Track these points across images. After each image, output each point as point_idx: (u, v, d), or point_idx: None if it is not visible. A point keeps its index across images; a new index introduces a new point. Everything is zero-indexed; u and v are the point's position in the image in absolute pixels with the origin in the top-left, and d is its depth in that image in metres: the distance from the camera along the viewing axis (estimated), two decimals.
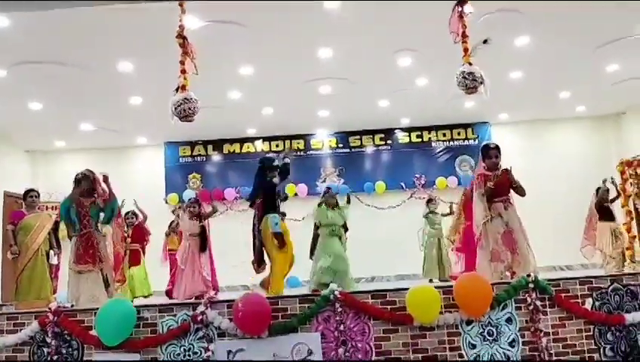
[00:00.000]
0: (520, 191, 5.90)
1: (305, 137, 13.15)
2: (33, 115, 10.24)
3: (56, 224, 7.74)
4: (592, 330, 4.90)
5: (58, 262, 8.10)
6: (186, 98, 5.76)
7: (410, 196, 12.56)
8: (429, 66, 9.25)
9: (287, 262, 6.15)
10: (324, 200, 7.95)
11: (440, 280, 9.25)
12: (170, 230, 9.38)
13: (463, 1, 5.78)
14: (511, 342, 4.74)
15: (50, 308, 4.71)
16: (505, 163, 12.46)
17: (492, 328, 4.74)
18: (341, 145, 13.18)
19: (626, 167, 8.92)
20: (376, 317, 4.63)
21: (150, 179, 12.88)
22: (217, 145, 13.15)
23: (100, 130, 11.63)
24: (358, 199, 12.53)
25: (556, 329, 4.83)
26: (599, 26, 8.09)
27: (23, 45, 7.48)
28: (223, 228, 9.78)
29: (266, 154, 12.91)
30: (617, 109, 12.76)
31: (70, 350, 4.63)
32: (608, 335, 4.93)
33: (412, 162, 13.00)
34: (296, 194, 12.57)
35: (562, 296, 4.90)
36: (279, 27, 7.48)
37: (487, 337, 4.71)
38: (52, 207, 10.55)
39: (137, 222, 9.10)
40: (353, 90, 10.16)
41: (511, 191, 5.94)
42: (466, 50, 6.01)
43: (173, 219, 9.55)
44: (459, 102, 11.24)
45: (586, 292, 4.98)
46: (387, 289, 4.77)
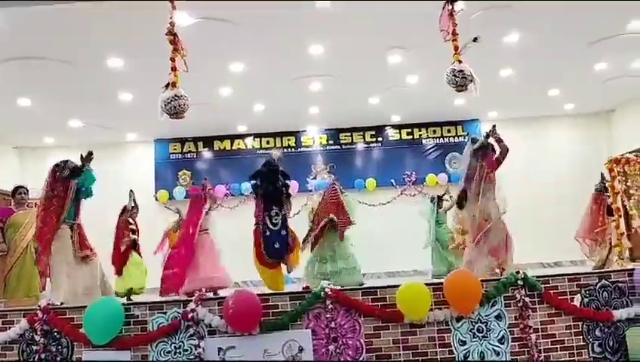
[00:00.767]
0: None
1: (295, 134, 13.13)
2: (22, 111, 10.15)
3: None
4: (580, 327, 4.96)
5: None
6: (176, 95, 5.73)
7: (401, 193, 12.57)
8: (419, 64, 9.26)
9: None
10: None
11: None
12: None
13: None
14: (500, 339, 4.78)
15: (39, 305, 4.69)
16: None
17: (482, 325, 4.78)
18: (332, 142, 13.18)
19: (615, 165, 8.94)
20: (367, 314, 4.65)
21: (140, 175, 12.79)
22: (208, 141, 13.09)
23: (90, 126, 11.55)
24: (348, 196, 12.52)
25: (545, 326, 4.88)
26: (589, 24, 8.13)
27: (12, 41, 7.41)
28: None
29: (257, 151, 12.97)
30: (606, 107, 12.85)
31: (60, 348, 4.62)
32: (597, 332, 4.99)
33: (402, 159, 13.02)
34: None
35: (551, 292, 4.95)
36: (270, 24, 7.46)
37: (477, 334, 4.75)
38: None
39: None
40: (344, 87, 10.16)
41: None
42: (456, 48, 6.03)
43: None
44: (449, 100, 11.27)
45: (575, 289, 5.04)
46: (377, 287, 4.80)
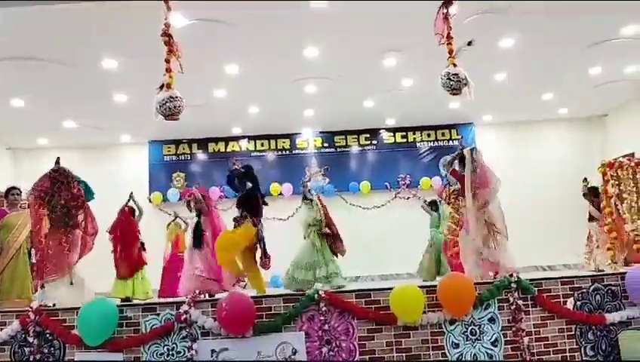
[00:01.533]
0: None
1: (290, 136, 13.15)
2: (16, 112, 10.11)
3: None
4: (573, 330, 4.97)
5: None
6: (171, 96, 5.70)
7: (395, 196, 12.59)
8: (414, 67, 9.29)
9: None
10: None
11: None
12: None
13: (448, 2, 5.81)
14: (493, 342, 4.79)
15: (31, 307, 4.67)
16: (490, 164, 12.51)
17: (475, 327, 4.78)
18: (326, 144, 13.20)
19: (608, 169, 8.97)
20: (361, 316, 4.65)
21: (134, 177, 12.76)
22: (202, 144, 13.10)
23: (84, 127, 11.53)
24: (343, 199, 12.58)
25: (538, 329, 4.89)
26: (583, 29, 8.17)
27: (6, 41, 7.39)
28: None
29: (251, 154, 12.97)
30: (600, 111, 12.93)
31: (52, 349, 4.60)
32: (589, 335, 5.01)
33: (397, 162, 13.05)
34: (281, 193, 12.57)
35: (544, 295, 4.96)
36: (265, 26, 7.46)
37: (470, 336, 4.76)
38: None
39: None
40: (339, 90, 10.18)
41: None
42: (450, 51, 6.05)
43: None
44: (444, 103, 11.31)
45: (568, 292, 5.05)
46: (371, 289, 4.80)
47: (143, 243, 8.77)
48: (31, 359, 4.54)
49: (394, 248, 10.79)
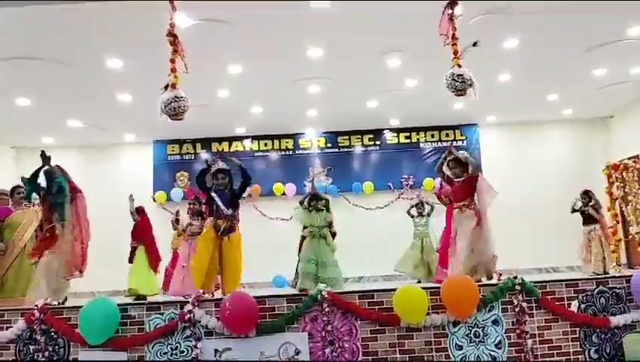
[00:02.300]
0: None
1: (294, 137, 13.14)
2: (21, 111, 10.14)
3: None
4: (577, 332, 4.96)
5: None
6: (176, 96, 5.73)
7: (398, 197, 12.57)
8: (418, 68, 9.27)
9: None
10: (305, 201, 7.88)
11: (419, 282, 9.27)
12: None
13: (453, 3, 5.80)
14: (497, 344, 4.78)
15: (36, 305, 4.68)
16: (493, 165, 12.60)
17: (478, 329, 4.77)
18: (330, 144, 13.19)
19: (613, 171, 9.00)
20: (364, 317, 4.65)
21: (138, 176, 12.81)
22: (206, 143, 13.10)
23: (89, 127, 11.55)
24: (346, 199, 12.57)
25: (542, 331, 4.88)
26: (588, 30, 8.13)
27: (11, 41, 7.40)
28: None
29: (255, 153, 12.98)
30: (605, 113, 12.88)
31: (57, 348, 4.61)
32: (593, 338, 4.99)
33: (400, 163, 13.03)
34: (284, 193, 12.57)
35: (548, 298, 4.95)
36: (268, 26, 7.46)
37: (474, 338, 4.75)
38: (39, 204, 10.44)
39: (137, 218, 9.06)
40: (342, 90, 10.18)
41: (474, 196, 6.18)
42: (455, 52, 6.04)
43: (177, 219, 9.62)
44: (448, 104, 11.30)
45: (572, 295, 5.04)
46: (374, 290, 4.80)
47: None
48: (36, 357, 4.55)
49: (397, 249, 10.73)
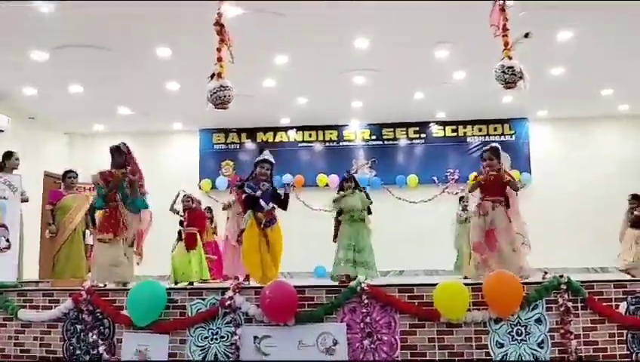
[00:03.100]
0: (514, 188, 6.06)
1: (338, 128, 13.13)
2: (73, 98, 10.47)
3: (92, 206, 7.84)
4: (625, 335, 4.78)
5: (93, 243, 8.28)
6: (221, 85, 5.80)
7: (443, 191, 12.39)
8: (467, 59, 9.12)
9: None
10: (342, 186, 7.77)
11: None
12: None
13: None
14: (540, 343, 4.65)
15: (83, 286, 4.83)
16: (542, 161, 12.26)
17: (521, 328, 4.66)
18: (374, 136, 13.12)
19: None
20: (403, 311, 4.60)
21: (184, 164, 13.09)
22: (251, 133, 13.24)
23: (138, 114, 11.84)
24: (389, 192, 12.48)
25: (587, 332, 4.72)
26: None
27: (65, 29, 7.64)
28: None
29: (299, 144, 13.03)
30: None
31: (102, 328, 4.75)
32: None
33: (446, 157, 12.85)
34: (327, 185, 12.58)
35: (595, 298, 4.79)
36: (316, 16, 7.46)
37: (516, 337, 4.64)
38: (89, 188, 10.78)
39: (194, 206, 9.22)
40: (388, 82, 10.11)
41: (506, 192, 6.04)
42: (506, 43, 5.89)
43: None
44: (497, 97, 11.07)
45: (621, 296, 4.85)
46: (415, 284, 4.73)
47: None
48: (82, 336, 4.71)
49: (440, 244, 10.61)
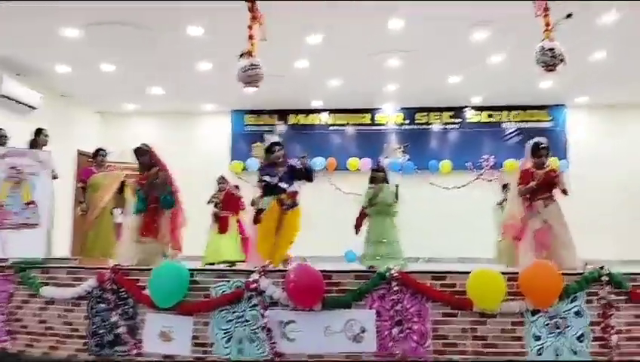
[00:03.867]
0: (564, 193, 5.88)
1: (371, 111, 12.89)
2: (106, 76, 10.47)
3: (123, 184, 7.81)
4: None
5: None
6: (252, 63, 5.74)
7: (477, 177, 12.10)
8: (505, 42, 8.77)
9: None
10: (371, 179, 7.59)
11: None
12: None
13: None
14: (579, 337, 4.43)
15: (108, 264, 4.80)
16: (580, 149, 11.93)
17: (560, 320, 4.44)
18: (407, 121, 12.84)
19: None
20: (434, 299, 4.43)
21: (216, 145, 13.06)
22: (282, 115, 13.09)
23: (170, 94, 11.81)
24: (424, 178, 12.24)
25: (630, 327, 4.49)
26: None
27: (98, 7, 7.56)
28: None
29: (330, 127, 12.86)
30: None
31: (126, 308, 4.70)
32: None
33: (481, 142, 12.50)
34: (358, 169, 12.39)
35: (638, 291, 4.54)
36: None
37: (554, 329, 4.43)
38: (121, 168, 10.85)
39: (227, 188, 9.19)
40: (423, 65, 9.82)
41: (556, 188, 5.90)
42: (547, 24, 5.64)
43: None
44: (534, 82, 10.71)
45: None
46: (448, 271, 4.55)
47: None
48: (105, 315, 4.67)
49: (473, 231, 10.38)
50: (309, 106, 12.86)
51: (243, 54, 5.93)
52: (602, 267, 4.56)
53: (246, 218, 9.02)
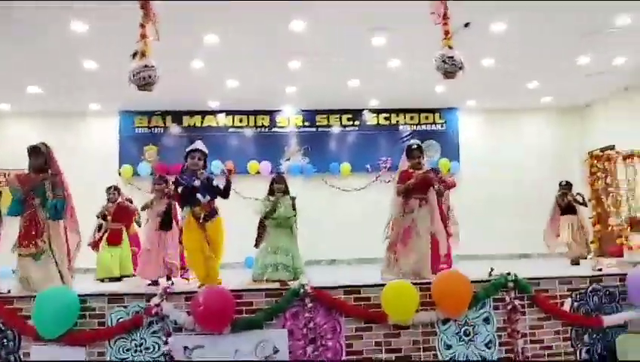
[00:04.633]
0: (439, 194, 6.22)
1: (270, 113, 12.62)
2: None
3: None
4: (569, 332, 4.73)
5: None
6: (145, 65, 5.32)
7: (376, 179, 12.26)
8: (403, 48, 8.90)
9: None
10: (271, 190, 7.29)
11: None
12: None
13: None
14: (487, 343, 4.51)
15: None
16: (471, 150, 12.48)
17: (469, 328, 4.50)
18: (307, 123, 12.72)
19: (595, 161, 8.82)
20: (349, 314, 4.30)
21: (103, 149, 12.17)
22: (177, 116, 12.48)
23: (50, 93, 10.84)
24: (324, 180, 12.22)
25: (533, 331, 4.64)
26: (576, 18, 7.89)
27: None
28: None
29: (229, 129, 12.47)
30: (583, 102, 12.75)
31: (5, 341, 4.13)
32: (585, 337, 4.80)
33: (379, 144, 12.68)
34: (258, 172, 12.12)
35: (542, 295, 4.70)
36: None
37: (464, 337, 4.47)
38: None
39: (120, 200, 8.62)
40: (323, 67, 9.75)
41: (430, 190, 6.07)
42: (446, 32, 5.72)
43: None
44: (430, 87, 11.00)
45: (565, 293, 4.80)
46: (361, 285, 4.45)
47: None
48: None
49: (372, 232, 10.47)
50: (206, 108, 12.37)
51: (136, 54, 5.49)
52: (508, 273, 4.66)
53: (140, 230, 8.51)
